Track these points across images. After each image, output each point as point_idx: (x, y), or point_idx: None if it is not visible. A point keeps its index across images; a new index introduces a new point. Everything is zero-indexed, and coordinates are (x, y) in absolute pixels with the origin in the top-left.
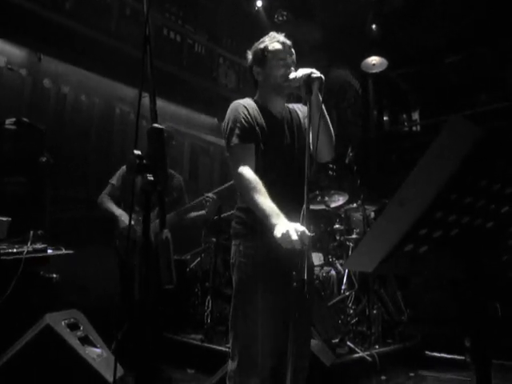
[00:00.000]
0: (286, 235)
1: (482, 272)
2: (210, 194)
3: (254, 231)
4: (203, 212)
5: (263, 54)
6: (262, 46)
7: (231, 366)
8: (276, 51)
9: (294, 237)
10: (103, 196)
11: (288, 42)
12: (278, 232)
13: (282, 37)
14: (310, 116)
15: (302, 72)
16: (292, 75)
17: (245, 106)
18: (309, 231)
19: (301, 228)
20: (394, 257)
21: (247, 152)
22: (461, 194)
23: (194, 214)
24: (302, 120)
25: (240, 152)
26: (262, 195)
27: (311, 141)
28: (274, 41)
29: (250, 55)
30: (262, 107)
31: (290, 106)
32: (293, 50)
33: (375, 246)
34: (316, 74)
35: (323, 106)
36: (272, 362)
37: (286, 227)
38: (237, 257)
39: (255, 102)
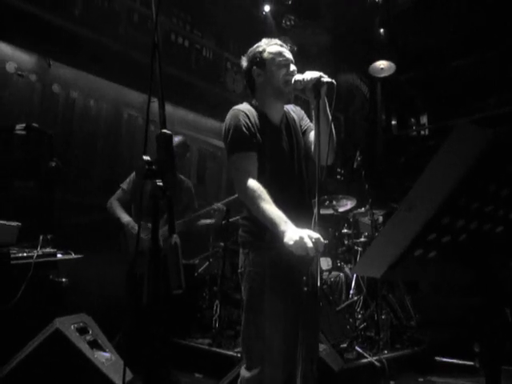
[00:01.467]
0: (301, 242)
1: (491, 277)
2: (219, 205)
3: (261, 239)
4: (211, 221)
5: (262, 56)
6: (260, 49)
7: (246, 374)
8: (276, 52)
9: (310, 244)
10: (112, 201)
11: (285, 45)
12: (289, 239)
13: (278, 40)
14: (317, 120)
15: (310, 75)
16: (298, 77)
17: (245, 113)
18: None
19: (315, 235)
20: (402, 262)
21: (250, 161)
22: (469, 198)
23: (202, 221)
24: (297, 122)
25: (243, 161)
26: (268, 203)
27: (315, 144)
28: (271, 43)
29: (245, 60)
30: (261, 113)
31: (284, 108)
32: (290, 52)
33: (384, 251)
34: (325, 78)
35: (328, 111)
36: (288, 369)
37: (298, 234)
38: (246, 266)
39: (254, 107)
